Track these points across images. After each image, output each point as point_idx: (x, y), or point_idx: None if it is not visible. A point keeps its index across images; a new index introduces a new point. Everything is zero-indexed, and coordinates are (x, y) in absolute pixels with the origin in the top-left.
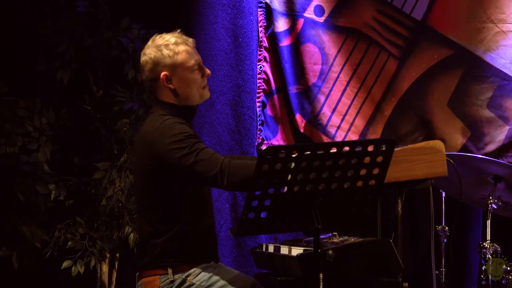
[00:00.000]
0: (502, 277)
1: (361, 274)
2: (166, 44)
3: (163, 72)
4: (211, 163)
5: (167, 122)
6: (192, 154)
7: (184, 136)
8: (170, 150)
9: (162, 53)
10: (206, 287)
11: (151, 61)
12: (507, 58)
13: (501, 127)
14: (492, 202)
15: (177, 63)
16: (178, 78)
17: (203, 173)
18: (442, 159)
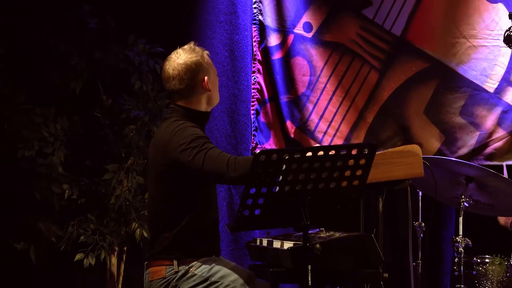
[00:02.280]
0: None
1: (345, 265)
2: (199, 52)
3: (205, 77)
4: (219, 160)
5: (181, 126)
6: (202, 153)
7: (196, 137)
8: (183, 151)
9: (204, 60)
10: (207, 277)
11: (194, 65)
12: (477, 70)
13: (472, 133)
14: (464, 200)
15: (212, 69)
16: (212, 83)
17: (212, 170)
18: (419, 161)
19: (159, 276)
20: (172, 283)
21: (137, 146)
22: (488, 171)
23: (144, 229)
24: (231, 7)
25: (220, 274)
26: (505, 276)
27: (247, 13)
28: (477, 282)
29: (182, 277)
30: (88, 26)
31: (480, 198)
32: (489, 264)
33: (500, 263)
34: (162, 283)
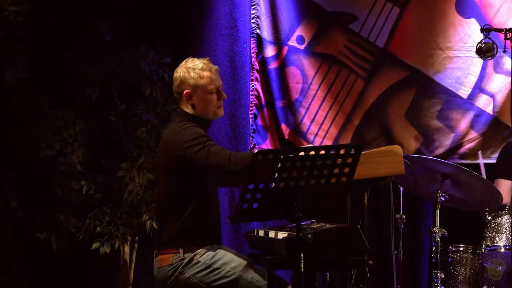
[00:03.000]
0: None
1: (334, 254)
2: (193, 67)
3: (186, 90)
4: (221, 155)
5: (184, 127)
6: (205, 149)
7: (198, 135)
8: (187, 148)
9: (189, 75)
10: (210, 264)
11: (179, 79)
12: (452, 78)
13: (448, 134)
14: (441, 195)
15: (199, 85)
16: (198, 97)
17: (215, 163)
18: (400, 160)
19: (167, 263)
20: (178, 269)
21: (148, 147)
22: (462, 168)
23: (154, 221)
24: (232, 22)
25: (222, 261)
26: (477, 263)
27: (246, 27)
28: (452, 268)
29: (188, 264)
30: (104, 39)
31: (454, 193)
32: (463, 252)
33: (472, 251)
34: (169, 269)
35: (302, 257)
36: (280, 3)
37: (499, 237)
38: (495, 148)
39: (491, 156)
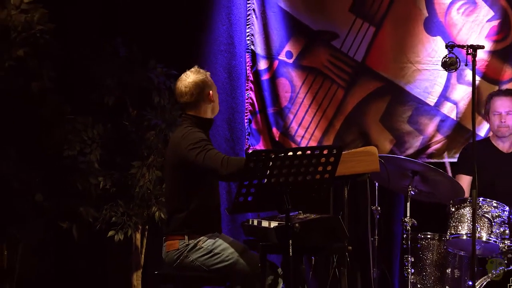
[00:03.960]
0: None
1: (319, 240)
2: (205, 73)
3: (210, 92)
4: (216, 159)
5: (190, 131)
6: (203, 153)
7: (199, 140)
8: (189, 150)
9: (207, 78)
10: (211, 249)
11: (202, 82)
12: (421, 88)
13: (417, 137)
14: (411, 190)
15: (213, 85)
16: (214, 96)
17: (210, 166)
18: (376, 159)
19: (174, 248)
20: (184, 253)
21: (156, 148)
22: (429, 166)
23: (162, 211)
24: (229, 39)
25: (221, 247)
26: (443, 248)
27: (242, 43)
28: (420, 253)
29: (192, 249)
30: (119, 55)
31: (423, 188)
32: (430, 239)
33: (439, 238)
34: (176, 254)
35: (291, 244)
36: (271, 22)
37: (461, 226)
38: (458, 149)
39: (455, 156)
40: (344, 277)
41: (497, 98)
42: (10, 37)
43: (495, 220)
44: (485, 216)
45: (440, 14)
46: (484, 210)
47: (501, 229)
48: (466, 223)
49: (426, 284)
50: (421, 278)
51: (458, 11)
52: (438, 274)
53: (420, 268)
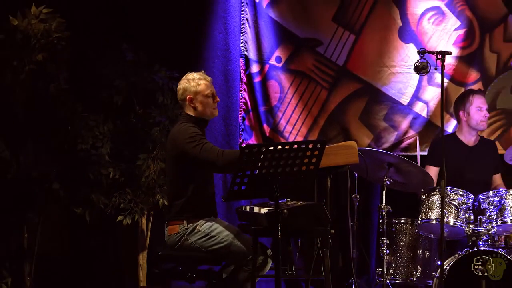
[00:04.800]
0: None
1: (304, 225)
2: (192, 78)
3: (189, 96)
4: (211, 152)
5: (185, 127)
6: (199, 146)
7: (195, 135)
8: (187, 143)
9: (190, 84)
10: (208, 233)
11: (182, 88)
12: (396, 89)
13: (392, 133)
14: (386, 180)
15: (198, 91)
16: (198, 101)
17: (206, 158)
18: (355, 152)
19: (175, 231)
20: (184, 236)
21: (160, 142)
22: (402, 159)
23: (165, 199)
24: (225, 45)
25: (217, 230)
26: (414, 231)
27: (236, 49)
28: (395, 236)
29: (191, 232)
30: (126, 59)
31: (397, 178)
32: (403, 223)
33: (411, 223)
34: (176, 237)
35: (279, 227)
36: (262, 31)
37: (431, 212)
38: (428, 143)
39: (425, 149)
40: (327, 257)
41: (477, 96)
42: (30, 43)
43: (461, 206)
44: (452, 203)
45: (412, 23)
46: (452, 198)
47: (466, 214)
48: (435, 210)
49: (400, 263)
50: (395, 258)
51: (429, 21)
52: (410, 255)
53: (394, 249)
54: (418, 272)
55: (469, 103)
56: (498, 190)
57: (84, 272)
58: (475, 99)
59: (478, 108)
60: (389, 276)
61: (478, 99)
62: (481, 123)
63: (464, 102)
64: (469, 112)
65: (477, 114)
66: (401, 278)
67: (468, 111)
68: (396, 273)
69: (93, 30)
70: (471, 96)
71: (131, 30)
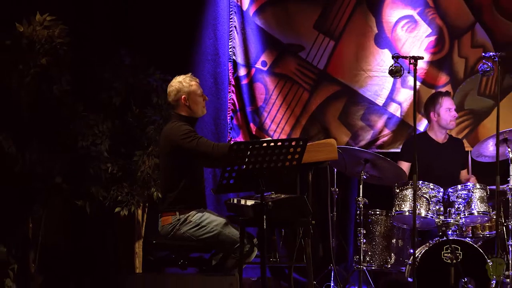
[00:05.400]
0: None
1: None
2: (184, 80)
3: (183, 96)
4: (207, 145)
5: (178, 125)
6: (195, 140)
7: (189, 131)
8: (182, 140)
9: (183, 85)
10: (199, 223)
11: (176, 90)
12: (372, 91)
13: (368, 131)
14: (363, 174)
15: (191, 91)
16: (191, 100)
17: (202, 150)
18: (334, 149)
19: (168, 222)
20: (176, 227)
21: (155, 139)
22: (378, 155)
23: (159, 192)
24: (215, 50)
25: (207, 220)
26: (389, 222)
27: (225, 54)
28: (371, 226)
29: (183, 223)
30: (124, 62)
31: (373, 173)
32: (379, 215)
33: (386, 214)
34: (169, 227)
35: (265, 218)
36: (249, 37)
37: (404, 204)
38: (401, 141)
39: (399, 146)
40: (308, 246)
41: (446, 98)
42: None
43: (432, 199)
44: (424, 196)
45: (387, 31)
46: (423, 191)
47: (436, 207)
48: (408, 202)
49: (375, 252)
50: (371, 247)
51: (402, 29)
52: (385, 244)
53: (371, 238)
54: (392, 260)
55: (439, 105)
56: (466, 184)
57: (84, 259)
58: (444, 101)
59: (447, 109)
60: (365, 263)
61: (447, 100)
62: (451, 123)
63: (434, 104)
64: (439, 113)
65: (446, 114)
66: (376, 265)
67: (438, 112)
68: (372, 260)
69: (93, 36)
70: (441, 98)
71: (128, 36)
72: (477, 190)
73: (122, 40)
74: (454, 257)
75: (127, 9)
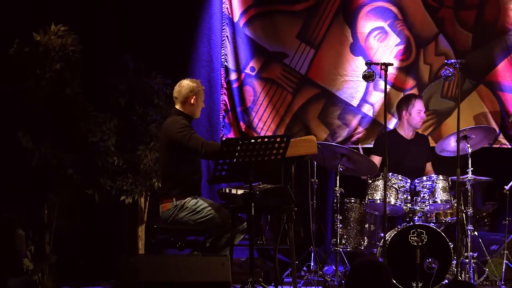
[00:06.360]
0: (345, 205)
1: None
2: (197, 83)
3: (194, 96)
4: (197, 141)
5: (177, 119)
6: (188, 135)
7: (185, 126)
8: (177, 133)
9: (197, 87)
10: (194, 208)
11: (189, 88)
12: (347, 94)
13: (344, 129)
14: (340, 167)
15: (199, 95)
16: (197, 102)
17: (192, 146)
18: (314, 145)
19: (167, 208)
20: (174, 212)
21: (156, 136)
22: (353, 150)
23: (159, 182)
24: (209, 57)
25: (202, 206)
26: (362, 209)
27: (218, 60)
28: (346, 213)
29: (180, 209)
30: (128, 67)
31: (348, 166)
32: (353, 203)
33: (360, 202)
34: (169, 213)
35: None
36: (239, 46)
37: (376, 194)
38: (373, 137)
39: (371, 142)
40: (291, 230)
41: (419, 100)
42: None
43: (400, 189)
44: (393, 186)
45: (361, 40)
46: (393, 182)
47: (404, 196)
48: (379, 191)
49: (350, 235)
50: (347, 231)
51: (374, 38)
52: (359, 228)
53: (346, 223)
54: (365, 242)
55: (411, 106)
56: (430, 176)
57: (93, 242)
58: (417, 103)
59: (418, 110)
60: (341, 245)
61: (419, 103)
62: (419, 123)
63: (408, 104)
64: (411, 113)
65: (417, 115)
66: (351, 247)
67: (410, 112)
68: (347, 243)
69: (101, 44)
70: (414, 100)
71: (132, 44)
72: (440, 181)
73: (127, 47)
74: (420, 240)
75: (131, 20)
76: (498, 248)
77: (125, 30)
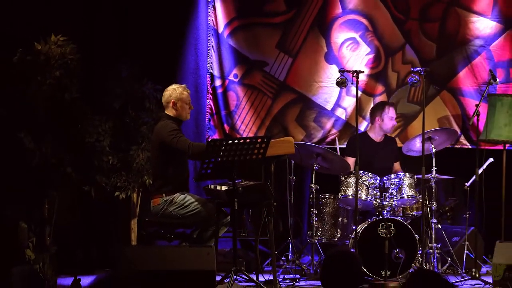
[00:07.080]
0: (320, 200)
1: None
2: (178, 88)
3: (173, 100)
4: (184, 143)
5: (167, 123)
6: (176, 138)
7: (174, 129)
8: (167, 135)
9: (176, 92)
10: (182, 203)
11: (169, 94)
12: (322, 99)
13: (320, 131)
14: (315, 165)
15: (180, 98)
16: (179, 105)
17: (180, 147)
18: (292, 145)
19: (157, 203)
20: (164, 207)
21: (147, 137)
22: (327, 150)
23: (150, 179)
24: (196, 65)
25: (190, 201)
26: (336, 204)
27: (204, 68)
28: (321, 207)
29: (169, 204)
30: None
31: (323, 164)
32: (328, 198)
33: (333, 198)
34: (159, 207)
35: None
36: (224, 55)
37: (348, 190)
38: (346, 139)
39: (344, 143)
40: (271, 223)
41: (392, 108)
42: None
43: (371, 186)
44: (364, 183)
45: (335, 50)
46: (363, 179)
47: (374, 192)
48: (351, 188)
49: (325, 228)
50: (322, 224)
51: (347, 48)
52: (333, 221)
53: (321, 217)
54: (338, 234)
55: (385, 113)
56: (398, 174)
57: (90, 234)
58: (390, 110)
59: (391, 117)
60: (317, 237)
61: (392, 110)
62: (390, 128)
63: (382, 110)
64: (384, 119)
65: (389, 122)
66: (325, 239)
67: (383, 118)
68: (322, 235)
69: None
70: (387, 107)
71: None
72: (407, 178)
73: (121, 56)
74: (388, 232)
75: (126, 30)
76: (459, 239)
77: (119, 40)
